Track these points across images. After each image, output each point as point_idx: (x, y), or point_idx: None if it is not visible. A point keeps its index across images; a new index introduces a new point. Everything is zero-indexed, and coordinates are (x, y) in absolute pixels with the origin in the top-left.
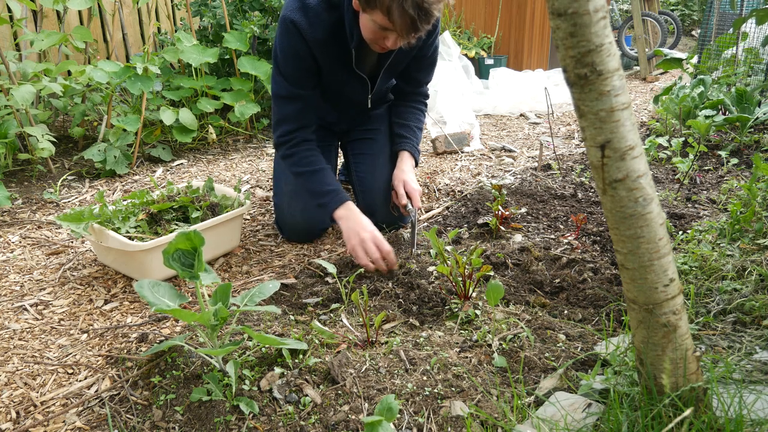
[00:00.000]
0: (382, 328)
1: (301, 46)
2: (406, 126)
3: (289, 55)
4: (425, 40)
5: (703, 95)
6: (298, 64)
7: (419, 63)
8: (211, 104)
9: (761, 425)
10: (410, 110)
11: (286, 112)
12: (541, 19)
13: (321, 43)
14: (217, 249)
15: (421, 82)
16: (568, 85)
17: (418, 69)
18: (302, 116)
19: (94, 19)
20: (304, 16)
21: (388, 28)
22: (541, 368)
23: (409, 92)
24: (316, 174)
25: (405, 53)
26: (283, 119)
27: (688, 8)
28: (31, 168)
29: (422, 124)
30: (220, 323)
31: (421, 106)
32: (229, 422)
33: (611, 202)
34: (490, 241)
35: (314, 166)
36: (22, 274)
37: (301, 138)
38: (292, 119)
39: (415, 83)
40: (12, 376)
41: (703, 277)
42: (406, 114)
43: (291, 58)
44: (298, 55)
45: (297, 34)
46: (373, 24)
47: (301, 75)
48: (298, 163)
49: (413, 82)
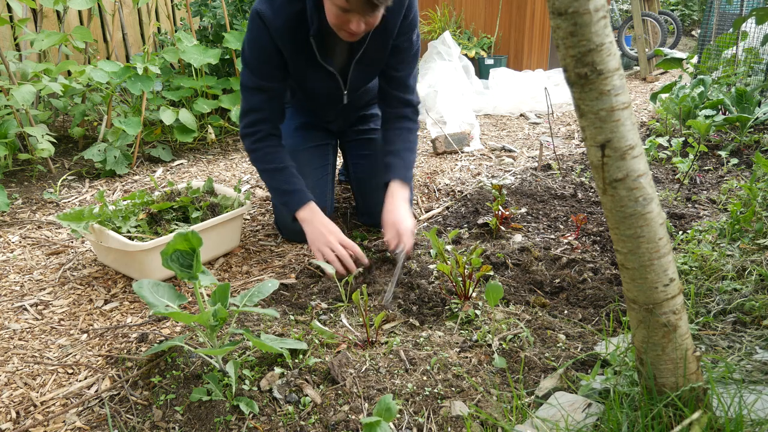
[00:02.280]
0: (382, 328)
1: (265, 38)
2: (394, 153)
3: (254, 46)
4: (400, 31)
5: (703, 95)
6: (262, 56)
7: (397, 58)
8: (209, 105)
9: (761, 425)
10: (397, 132)
11: (251, 103)
12: (541, 19)
13: (283, 32)
14: (217, 249)
15: (405, 85)
16: (569, 85)
17: (397, 66)
18: (267, 107)
19: (94, 19)
20: (269, 7)
21: (346, 8)
22: (541, 368)
23: (393, 98)
24: (279, 172)
25: (378, 47)
26: (249, 110)
27: (688, 8)
28: (31, 168)
29: (413, 144)
30: (220, 324)
31: (408, 124)
32: (229, 422)
33: (611, 201)
34: (490, 241)
35: (278, 163)
36: (22, 274)
37: (266, 132)
38: (257, 110)
39: (397, 84)
40: (12, 376)
41: (703, 277)
42: (392, 139)
43: (256, 50)
44: (262, 47)
45: (262, 25)
46: (334, 7)
47: (265, 67)
48: (262, 159)
49: (394, 82)
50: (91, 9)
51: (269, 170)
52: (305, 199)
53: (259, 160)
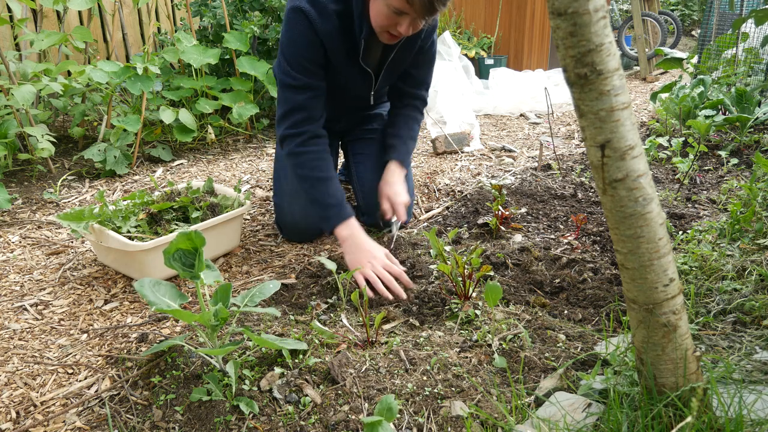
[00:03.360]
0: (382, 328)
1: (311, 36)
2: (397, 136)
3: (299, 44)
4: (427, 32)
5: (703, 95)
6: (308, 53)
7: (419, 58)
8: (210, 105)
9: (761, 425)
10: (403, 118)
11: (294, 102)
12: (541, 19)
13: (330, 34)
14: (217, 249)
15: (420, 82)
16: (568, 85)
17: (417, 65)
18: (312, 106)
19: (94, 19)
20: (312, 6)
21: (404, 11)
22: (541, 368)
23: (406, 93)
24: (322, 183)
25: (408, 48)
26: (292, 109)
27: (688, 8)
28: (31, 168)
29: (415, 133)
30: (221, 323)
31: (415, 113)
32: (229, 422)
33: (611, 201)
34: (490, 241)
35: (322, 172)
36: (22, 274)
37: (312, 133)
38: (301, 108)
39: (413, 82)
40: (12, 376)
41: (703, 277)
42: (398, 123)
43: (301, 47)
44: (309, 44)
45: (307, 23)
46: (388, 9)
47: (311, 65)
48: (305, 165)
49: (410, 80)
50: (91, 9)
51: (312, 179)
52: (345, 216)
53: (303, 165)
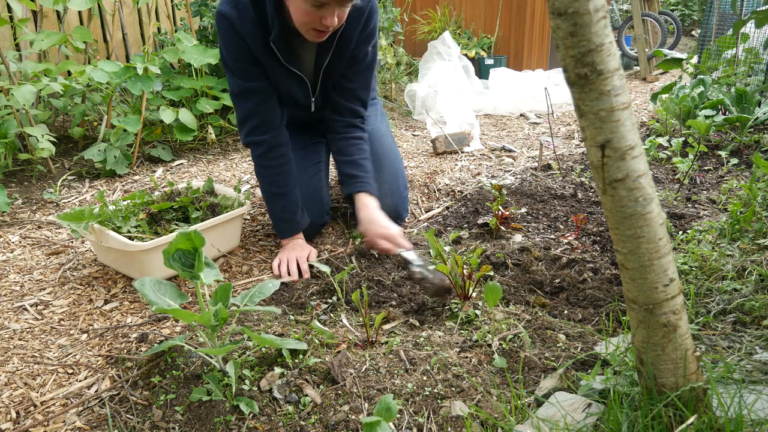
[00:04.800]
0: (382, 328)
1: (234, 36)
2: (354, 164)
3: (229, 46)
4: (358, 41)
5: (703, 95)
6: (238, 54)
7: (352, 68)
8: (211, 105)
9: (761, 425)
10: (351, 142)
11: (244, 109)
12: (541, 19)
13: (251, 33)
14: (217, 249)
15: (356, 97)
16: (568, 85)
17: (351, 76)
18: (262, 110)
19: (94, 19)
20: (234, 9)
21: (324, 1)
22: (541, 368)
23: (345, 109)
24: (279, 199)
25: (341, 56)
26: (244, 117)
27: (688, 8)
28: (31, 168)
29: (367, 154)
30: (220, 323)
31: (361, 133)
32: (229, 422)
33: (611, 202)
34: (490, 241)
35: (279, 188)
36: (22, 274)
37: (271, 143)
38: (253, 114)
39: (350, 95)
40: (12, 376)
41: (703, 277)
42: (350, 151)
43: (231, 49)
44: (235, 44)
45: (228, 24)
46: (305, 4)
47: (246, 65)
48: (264, 178)
49: (347, 92)
50: (91, 9)
51: (270, 193)
52: (294, 231)
53: (262, 177)
